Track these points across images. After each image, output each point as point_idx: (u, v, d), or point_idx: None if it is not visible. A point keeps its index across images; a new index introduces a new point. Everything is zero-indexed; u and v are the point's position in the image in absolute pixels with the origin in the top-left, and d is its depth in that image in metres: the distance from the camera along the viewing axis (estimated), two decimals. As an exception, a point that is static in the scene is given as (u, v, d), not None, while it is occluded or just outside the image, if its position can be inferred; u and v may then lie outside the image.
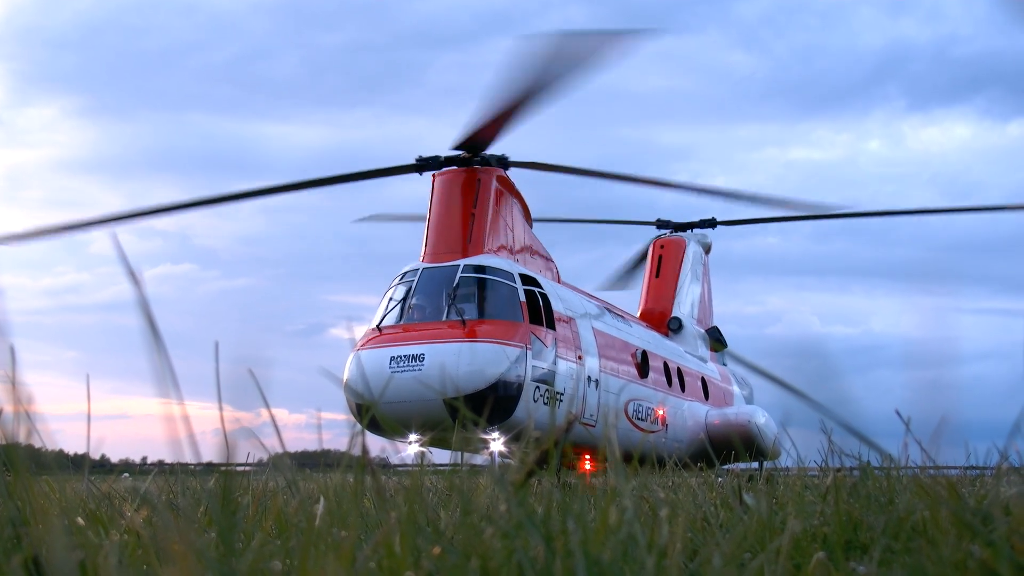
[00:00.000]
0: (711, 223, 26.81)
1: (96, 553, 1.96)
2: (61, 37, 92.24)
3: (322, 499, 3.04)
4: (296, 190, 18.84)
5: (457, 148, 17.40)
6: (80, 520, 3.13)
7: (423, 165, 17.76)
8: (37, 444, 2.69)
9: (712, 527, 3.39)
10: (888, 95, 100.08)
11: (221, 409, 2.97)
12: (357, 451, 2.90)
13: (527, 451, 2.33)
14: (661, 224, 26.79)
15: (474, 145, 17.24)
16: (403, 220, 25.27)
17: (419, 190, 18.04)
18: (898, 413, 3.86)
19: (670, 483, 7.32)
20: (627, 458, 2.76)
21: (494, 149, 17.63)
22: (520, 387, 15.39)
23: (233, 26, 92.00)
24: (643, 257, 27.05)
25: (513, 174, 18.43)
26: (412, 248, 18.03)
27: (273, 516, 2.32)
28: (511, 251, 17.69)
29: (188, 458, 2.46)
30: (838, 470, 5.42)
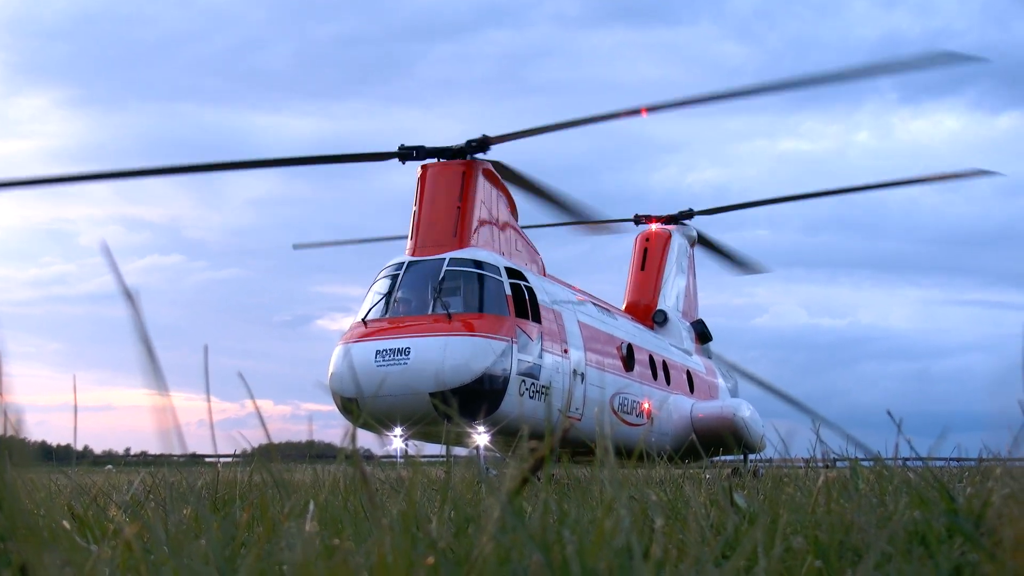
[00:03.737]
0: (688, 214, 26.85)
1: (85, 565, 1.93)
2: (53, 27, 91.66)
3: (311, 503, 3.01)
4: (278, 166, 18.89)
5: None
6: (66, 524, 3.09)
7: (405, 154, 17.72)
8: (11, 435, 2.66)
9: (703, 528, 3.38)
10: (880, 87, 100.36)
11: (209, 401, 2.94)
12: (349, 451, 2.88)
13: (522, 458, 2.31)
14: (639, 220, 26.78)
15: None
16: (335, 245, 27.12)
17: (404, 182, 17.99)
18: (889, 414, 3.85)
19: (658, 479, 7.32)
20: (613, 452, 2.75)
21: (471, 134, 17.73)
22: (506, 381, 15.39)
23: (226, 17, 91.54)
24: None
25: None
26: (399, 239, 18.02)
27: (266, 528, 2.30)
28: (497, 244, 17.67)
29: (170, 450, 2.44)
30: (827, 467, 5.43)
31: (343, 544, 2.15)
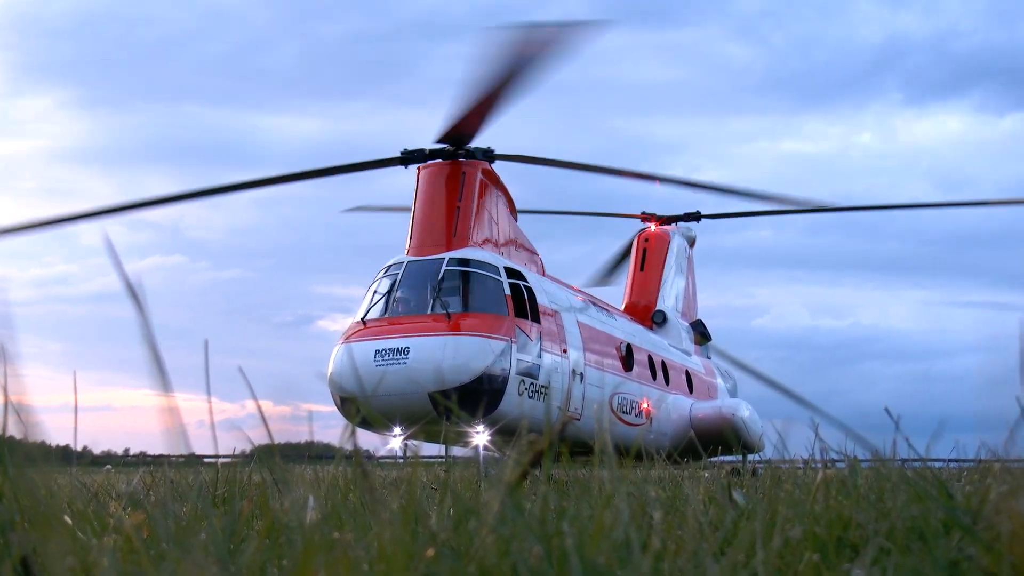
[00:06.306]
0: (696, 216, 26.92)
1: (87, 556, 1.94)
2: (57, 27, 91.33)
3: (311, 497, 3.02)
4: (283, 183, 18.77)
5: (441, 141, 17.33)
6: (67, 519, 3.10)
7: (409, 158, 17.71)
8: (19, 436, 2.66)
9: (701, 524, 3.39)
10: (885, 89, 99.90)
11: (210, 402, 2.95)
12: (348, 447, 2.88)
13: (522, 451, 2.32)
14: (646, 217, 26.80)
15: (458, 138, 17.17)
16: (389, 210, 25.31)
17: (408, 183, 18.00)
18: (887, 411, 3.86)
19: (657, 477, 7.33)
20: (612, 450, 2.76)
21: (479, 142, 17.57)
22: (505, 380, 15.39)
23: (230, 17, 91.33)
24: (628, 251, 27.12)
25: (501, 165, 18.40)
26: (400, 239, 18.02)
27: (267, 521, 2.31)
28: (496, 244, 17.67)
29: (174, 450, 2.44)
30: (826, 465, 5.43)
31: (344, 537, 2.15)
